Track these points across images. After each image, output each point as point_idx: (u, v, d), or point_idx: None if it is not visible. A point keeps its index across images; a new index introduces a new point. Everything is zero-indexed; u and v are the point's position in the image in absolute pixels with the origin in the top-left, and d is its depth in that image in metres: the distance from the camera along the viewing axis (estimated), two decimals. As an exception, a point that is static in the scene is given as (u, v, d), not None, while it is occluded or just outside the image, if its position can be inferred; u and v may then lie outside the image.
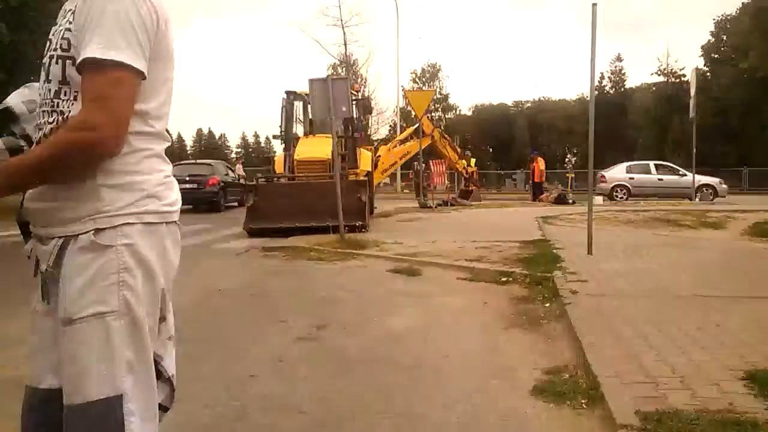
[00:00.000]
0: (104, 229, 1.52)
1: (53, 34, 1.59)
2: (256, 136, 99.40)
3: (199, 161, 23.39)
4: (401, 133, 25.81)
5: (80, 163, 1.49)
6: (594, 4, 7.53)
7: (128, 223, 1.54)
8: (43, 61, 1.60)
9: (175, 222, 1.67)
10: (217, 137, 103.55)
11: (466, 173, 22.57)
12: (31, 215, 1.62)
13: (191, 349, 4.27)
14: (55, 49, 1.54)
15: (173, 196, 1.67)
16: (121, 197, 1.54)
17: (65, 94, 1.54)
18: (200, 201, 18.58)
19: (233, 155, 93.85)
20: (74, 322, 1.49)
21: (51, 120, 1.55)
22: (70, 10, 1.54)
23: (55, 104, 1.55)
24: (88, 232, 1.51)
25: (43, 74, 1.59)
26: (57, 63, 1.54)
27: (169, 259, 1.64)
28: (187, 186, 17.97)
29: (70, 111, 1.53)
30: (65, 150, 1.46)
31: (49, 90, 1.56)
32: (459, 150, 23.02)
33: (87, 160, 1.49)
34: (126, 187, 1.55)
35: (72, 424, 1.49)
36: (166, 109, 1.65)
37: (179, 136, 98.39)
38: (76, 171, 1.51)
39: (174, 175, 1.72)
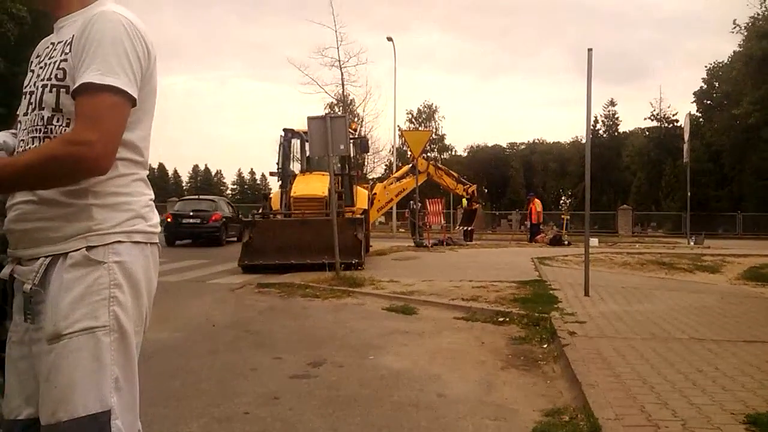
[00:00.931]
0: (96, 246, 1.55)
1: (38, 66, 1.65)
2: (252, 173, 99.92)
3: (202, 197, 23.21)
4: (396, 171, 25.97)
5: (67, 176, 1.52)
6: (589, 50, 7.73)
7: (119, 241, 1.58)
8: (29, 90, 1.65)
9: (156, 243, 1.73)
10: (213, 173, 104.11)
11: (467, 194, 22.59)
12: (15, 236, 1.62)
13: (184, 385, 4.21)
14: (50, 79, 1.59)
15: (156, 218, 1.74)
16: (113, 216, 1.59)
17: (58, 120, 1.58)
18: (203, 235, 18.66)
19: (228, 191, 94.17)
20: (63, 338, 1.49)
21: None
22: (62, 42, 1.60)
23: (48, 130, 1.58)
24: (79, 249, 1.54)
25: (30, 102, 1.63)
26: (51, 92, 1.58)
27: (151, 278, 1.69)
28: (191, 221, 18.05)
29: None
30: (56, 160, 1.48)
31: (42, 117, 1.59)
32: (456, 175, 23.11)
33: (74, 174, 1.52)
34: (117, 207, 1.60)
35: None
36: (148, 139, 1.72)
37: (175, 172, 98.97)
38: (60, 182, 1.53)
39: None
